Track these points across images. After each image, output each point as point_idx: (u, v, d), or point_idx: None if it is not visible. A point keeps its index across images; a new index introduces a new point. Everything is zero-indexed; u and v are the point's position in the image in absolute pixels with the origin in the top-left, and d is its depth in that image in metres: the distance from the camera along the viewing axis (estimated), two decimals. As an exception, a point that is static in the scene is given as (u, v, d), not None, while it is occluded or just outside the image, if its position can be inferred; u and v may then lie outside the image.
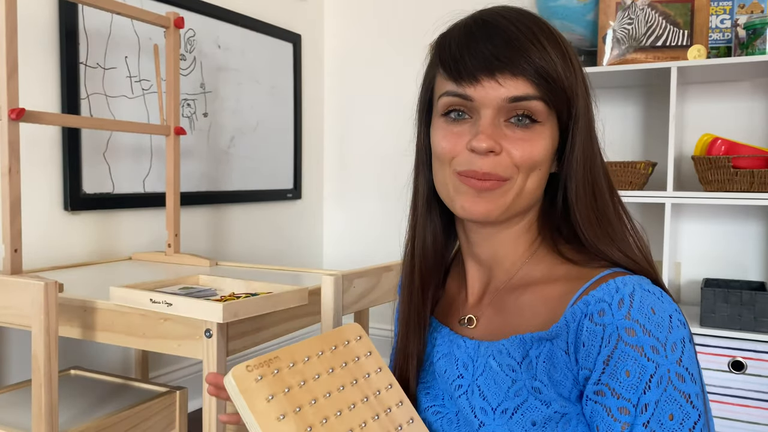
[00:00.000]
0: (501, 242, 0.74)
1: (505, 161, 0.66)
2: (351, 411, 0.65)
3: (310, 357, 0.67)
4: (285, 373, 0.64)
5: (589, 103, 0.70)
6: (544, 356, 0.66)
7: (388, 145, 3.01)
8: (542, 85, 0.64)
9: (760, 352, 1.97)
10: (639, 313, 0.60)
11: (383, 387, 0.70)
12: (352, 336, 0.72)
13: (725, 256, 2.34)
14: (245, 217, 2.71)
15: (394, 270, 1.70)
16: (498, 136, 0.65)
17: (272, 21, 2.80)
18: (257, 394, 0.61)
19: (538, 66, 0.63)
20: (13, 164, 1.47)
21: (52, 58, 1.92)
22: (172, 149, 1.96)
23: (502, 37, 0.64)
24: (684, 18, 2.16)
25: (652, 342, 0.59)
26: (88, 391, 1.60)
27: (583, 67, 0.70)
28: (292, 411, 0.62)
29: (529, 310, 0.70)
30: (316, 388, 0.65)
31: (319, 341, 0.69)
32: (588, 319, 0.62)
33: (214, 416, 1.28)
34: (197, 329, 1.28)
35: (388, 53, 2.99)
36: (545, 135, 0.67)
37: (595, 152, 0.70)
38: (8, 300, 1.30)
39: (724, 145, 2.08)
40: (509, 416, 0.66)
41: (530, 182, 0.68)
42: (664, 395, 0.59)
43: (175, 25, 1.93)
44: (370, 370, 0.70)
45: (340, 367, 0.68)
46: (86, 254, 2.04)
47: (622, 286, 0.62)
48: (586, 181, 0.68)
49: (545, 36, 0.65)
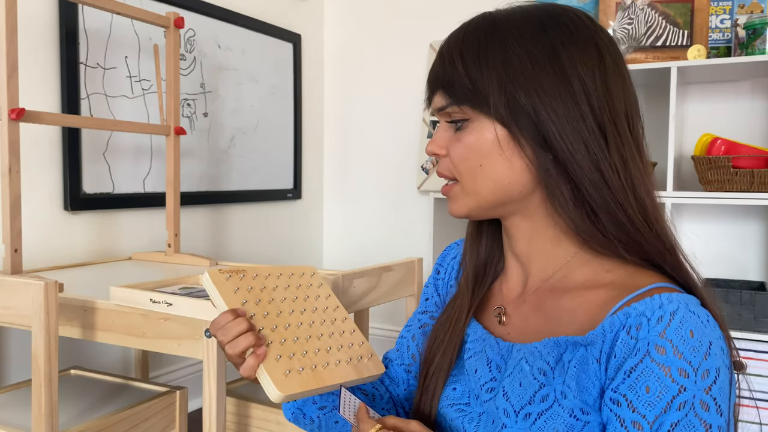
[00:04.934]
0: (534, 238, 0.73)
1: (448, 162, 0.73)
2: (302, 314, 0.80)
3: (271, 274, 0.82)
4: (249, 279, 0.79)
5: (525, 91, 0.67)
6: (576, 361, 0.65)
7: (388, 145, 3.01)
8: (450, 93, 0.70)
9: (760, 352, 1.97)
10: (675, 334, 0.59)
11: (331, 307, 0.85)
12: (307, 272, 0.87)
13: (725, 256, 2.34)
14: (245, 217, 2.71)
15: (394, 270, 1.70)
16: (445, 139, 0.73)
17: (272, 21, 2.80)
18: (226, 286, 0.76)
19: (441, 79, 0.71)
20: (13, 164, 1.47)
21: (52, 58, 1.92)
22: (172, 149, 1.96)
23: (438, 57, 0.73)
24: (684, 18, 2.16)
25: (681, 365, 0.58)
26: (88, 391, 1.61)
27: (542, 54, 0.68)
28: (253, 302, 0.76)
29: (569, 314, 0.69)
30: (274, 293, 0.80)
31: (279, 268, 0.84)
32: (625, 331, 0.61)
33: (214, 416, 1.28)
34: (197, 329, 1.28)
35: (388, 53, 2.99)
36: (473, 130, 0.70)
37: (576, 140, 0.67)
38: (8, 300, 1.30)
39: (724, 145, 2.08)
40: (532, 421, 0.66)
41: (486, 175, 0.69)
42: (684, 420, 0.58)
43: (175, 25, 1.93)
44: (320, 294, 0.85)
45: (296, 287, 0.83)
46: (86, 254, 2.04)
47: (667, 303, 0.61)
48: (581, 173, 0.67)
49: (469, 46, 0.69)
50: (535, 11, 0.71)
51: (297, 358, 0.73)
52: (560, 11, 0.71)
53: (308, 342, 0.76)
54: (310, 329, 0.78)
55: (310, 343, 0.76)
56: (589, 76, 0.68)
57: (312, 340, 0.77)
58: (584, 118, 0.67)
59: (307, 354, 0.74)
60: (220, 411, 1.29)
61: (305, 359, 0.73)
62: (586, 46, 0.68)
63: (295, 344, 0.74)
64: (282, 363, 0.71)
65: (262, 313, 0.75)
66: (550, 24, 0.69)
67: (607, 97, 0.68)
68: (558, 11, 0.71)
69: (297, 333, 0.76)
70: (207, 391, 1.28)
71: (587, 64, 0.68)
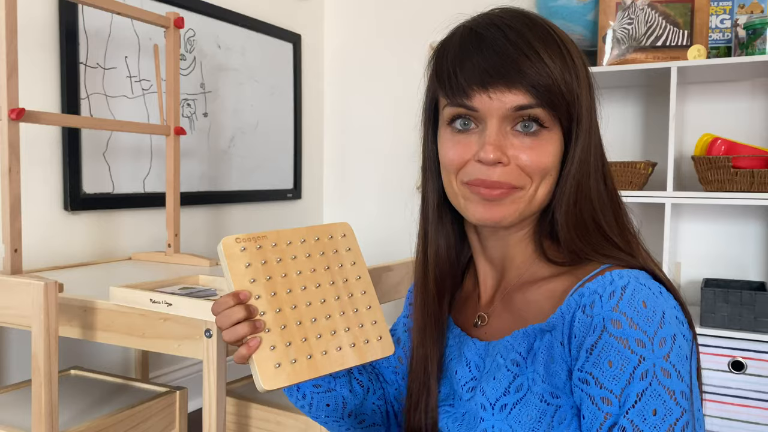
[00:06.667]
0: (512, 244, 0.74)
1: (515, 170, 0.66)
2: (316, 289, 0.74)
3: (292, 241, 0.75)
4: (266, 249, 0.73)
5: (592, 101, 0.70)
6: (543, 347, 0.66)
7: (388, 144, 3.01)
8: (539, 94, 0.64)
9: (760, 352, 1.97)
10: (628, 306, 0.61)
11: (353, 276, 0.77)
12: (338, 232, 0.79)
13: (725, 256, 2.34)
14: (245, 217, 2.71)
15: (394, 270, 1.70)
16: (505, 146, 0.66)
17: (272, 21, 2.80)
18: (238, 259, 0.71)
19: (530, 76, 0.64)
20: (13, 164, 1.47)
21: (52, 58, 1.92)
22: (172, 149, 1.96)
23: (493, 49, 0.65)
24: (684, 18, 2.16)
25: (637, 335, 0.60)
26: (88, 391, 1.61)
27: (587, 64, 0.71)
28: (264, 278, 0.72)
29: (534, 304, 0.70)
30: (290, 266, 0.74)
31: (306, 230, 0.77)
32: (581, 310, 0.63)
33: (214, 416, 1.28)
34: (197, 329, 1.28)
35: (388, 53, 2.99)
36: (552, 140, 0.67)
37: (590, 150, 0.70)
38: (8, 300, 1.30)
39: (724, 145, 2.08)
40: (508, 412, 0.67)
41: (542, 188, 0.69)
42: (649, 389, 0.59)
43: (175, 25, 1.93)
44: (345, 261, 0.77)
45: (318, 255, 0.76)
46: (86, 254, 2.04)
47: (618, 278, 0.63)
48: (573, 180, 0.69)
49: (540, 40, 0.65)
50: (536, 17, 0.70)
51: (294, 346, 0.71)
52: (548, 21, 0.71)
53: (313, 325, 0.73)
54: (319, 309, 0.74)
55: (314, 326, 0.73)
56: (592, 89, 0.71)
57: (318, 322, 0.73)
58: (596, 146, 0.71)
59: (306, 341, 0.72)
60: (220, 411, 1.29)
61: (303, 347, 0.72)
62: (581, 57, 0.71)
63: (297, 329, 0.72)
64: (275, 353, 0.70)
65: (269, 292, 0.72)
66: (559, 32, 0.69)
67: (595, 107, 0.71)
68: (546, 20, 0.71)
69: (302, 315, 0.73)
70: (207, 391, 1.28)
71: (588, 76, 0.71)
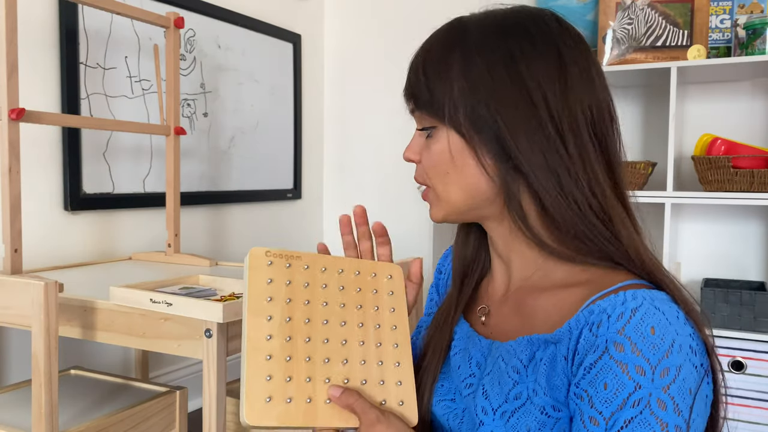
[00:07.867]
0: (510, 240, 0.74)
1: (420, 169, 0.74)
2: (341, 327, 0.66)
3: (328, 269, 0.68)
4: (296, 270, 0.66)
5: (492, 102, 0.67)
6: (546, 359, 0.66)
7: (388, 144, 3.01)
8: (414, 101, 0.73)
9: (760, 352, 1.97)
10: (634, 331, 0.59)
11: (387, 324, 0.69)
12: (384, 271, 0.72)
13: (725, 256, 2.34)
14: (245, 217, 2.71)
15: (394, 270, 1.70)
16: (422, 147, 0.74)
17: (272, 21, 2.80)
18: (262, 273, 0.64)
19: (407, 87, 0.74)
20: (13, 164, 1.47)
21: (52, 58, 1.92)
22: (172, 149, 1.96)
23: (409, 65, 0.76)
24: (684, 18, 2.16)
25: (639, 362, 0.58)
26: (88, 391, 1.60)
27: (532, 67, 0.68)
28: (283, 300, 0.64)
29: (543, 313, 0.70)
30: (318, 294, 0.66)
31: (348, 261, 0.70)
32: (588, 328, 0.62)
33: (214, 416, 1.28)
34: (197, 329, 1.28)
35: (388, 53, 2.99)
36: (440, 138, 0.71)
37: (538, 149, 0.66)
38: (8, 300, 1.30)
39: (724, 145, 2.08)
40: (506, 419, 0.66)
41: (452, 186, 0.71)
42: (639, 417, 0.57)
43: (175, 25, 1.93)
44: (383, 305, 0.70)
45: (354, 291, 0.68)
46: (86, 254, 2.04)
47: (631, 299, 0.61)
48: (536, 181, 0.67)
49: (432, 55, 0.72)
50: (502, 16, 0.70)
51: (295, 383, 0.62)
52: (526, 16, 0.70)
53: (324, 366, 0.64)
54: (336, 349, 0.65)
55: (325, 367, 0.64)
56: (548, 83, 0.67)
57: (330, 364, 0.64)
58: (543, 126, 0.66)
59: (311, 381, 0.63)
60: (220, 411, 1.29)
61: (305, 387, 0.63)
62: (547, 52, 0.67)
63: (305, 365, 0.63)
64: (270, 385, 0.61)
65: (285, 316, 0.64)
66: (512, 31, 0.68)
67: (567, 103, 0.67)
68: (524, 16, 0.70)
69: (315, 351, 0.64)
70: (207, 391, 1.28)
71: (546, 71, 0.67)
